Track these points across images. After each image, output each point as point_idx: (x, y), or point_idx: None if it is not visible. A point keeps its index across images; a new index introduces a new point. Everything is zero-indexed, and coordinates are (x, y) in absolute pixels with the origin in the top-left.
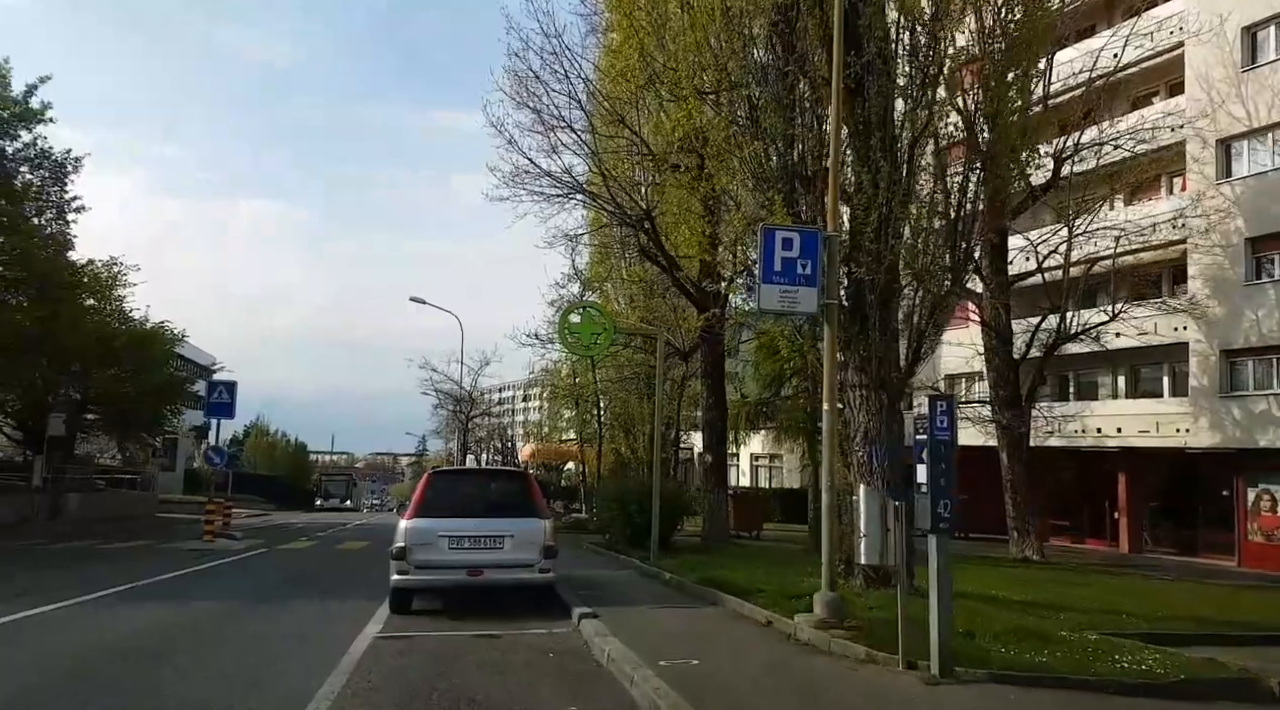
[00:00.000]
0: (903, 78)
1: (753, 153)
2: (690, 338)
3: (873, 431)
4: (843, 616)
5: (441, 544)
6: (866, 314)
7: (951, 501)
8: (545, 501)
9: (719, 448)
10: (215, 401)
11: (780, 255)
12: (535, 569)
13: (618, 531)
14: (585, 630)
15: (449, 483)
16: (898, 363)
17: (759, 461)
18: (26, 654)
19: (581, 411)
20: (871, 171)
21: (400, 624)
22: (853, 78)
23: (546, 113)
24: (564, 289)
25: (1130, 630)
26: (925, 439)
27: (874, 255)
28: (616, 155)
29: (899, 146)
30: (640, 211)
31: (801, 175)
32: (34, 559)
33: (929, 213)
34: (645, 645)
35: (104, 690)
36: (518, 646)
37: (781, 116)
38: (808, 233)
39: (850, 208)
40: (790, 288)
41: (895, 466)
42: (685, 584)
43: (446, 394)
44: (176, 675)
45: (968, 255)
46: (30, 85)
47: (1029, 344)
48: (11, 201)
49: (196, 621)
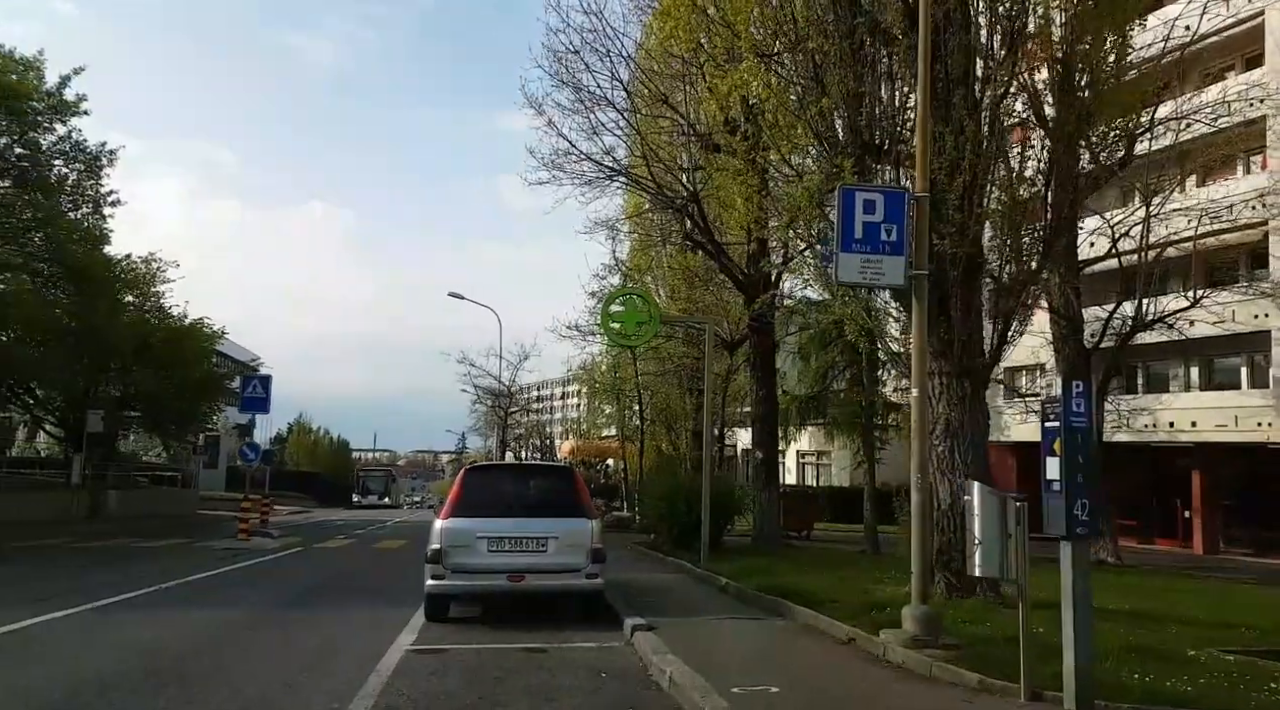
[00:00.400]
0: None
1: (817, 112)
2: (738, 329)
3: (955, 423)
4: (937, 633)
5: (480, 546)
6: (948, 292)
7: (1089, 502)
8: (592, 500)
9: (770, 443)
10: (250, 395)
11: (861, 219)
12: (582, 574)
13: (664, 531)
14: (640, 645)
15: (488, 479)
16: (982, 347)
17: (805, 459)
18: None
19: (622, 407)
20: (955, 131)
21: (436, 634)
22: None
23: (587, 91)
24: (604, 280)
25: (1258, 646)
26: (1056, 427)
27: (958, 226)
28: (660, 136)
29: (984, 104)
30: (687, 193)
31: (871, 144)
32: (61, 558)
33: (1017, 180)
34: (712, 666)
35: None
36: (565, 665)
37: (850, 70)
38: (893, 193)
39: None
40: (873, 257)
41: (979, 462)
42: (745, 591)
43: (485, 389)
44: (177, 706)
45: (1059, 228)
46: (63, 77)
47: (1102, 332)
48: (46, 195)
49: (213, 633)
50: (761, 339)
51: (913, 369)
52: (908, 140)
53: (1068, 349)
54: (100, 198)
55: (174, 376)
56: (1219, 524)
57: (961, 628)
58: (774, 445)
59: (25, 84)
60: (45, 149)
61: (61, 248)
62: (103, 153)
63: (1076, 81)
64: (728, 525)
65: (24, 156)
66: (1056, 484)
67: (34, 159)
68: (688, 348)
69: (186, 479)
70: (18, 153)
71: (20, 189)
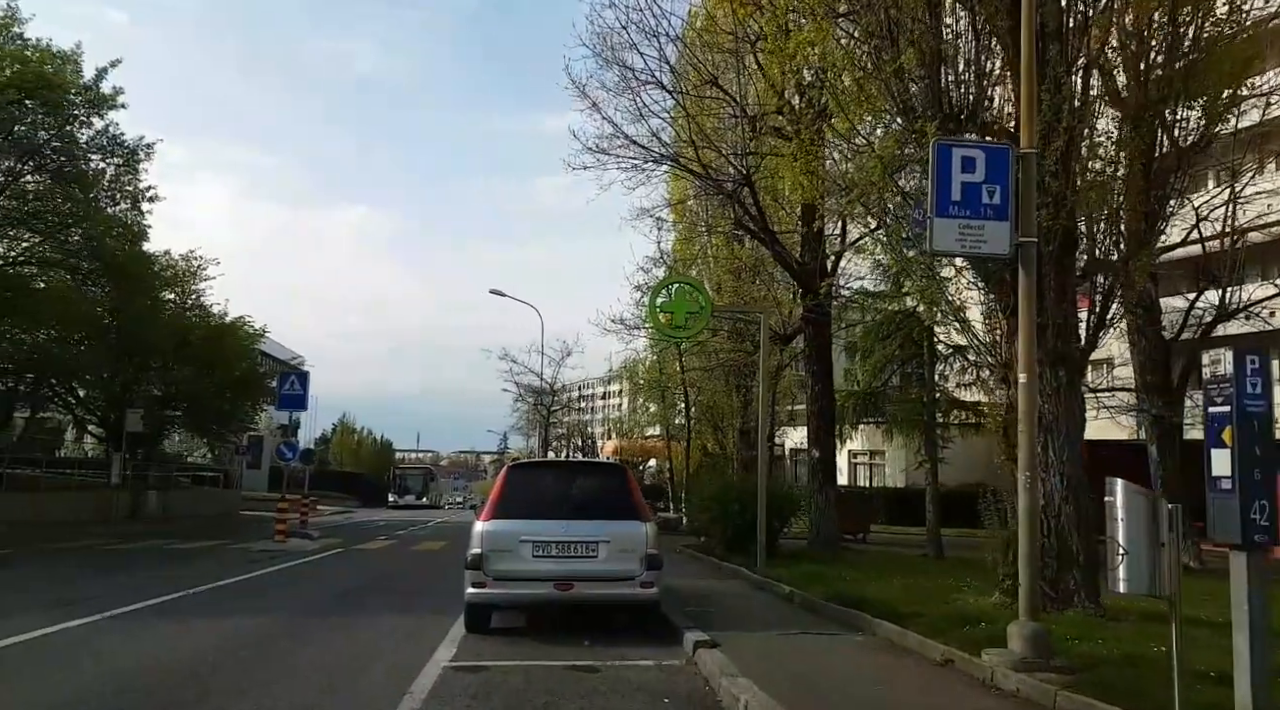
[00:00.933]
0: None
1: (893, 72)
2: (790, 321)
3: (1048, 416)
4: (1048, 654)
5: (524, 551)
6: (1041, 271)
7: (1269, 503)
8: (647, 501)
9: (827, 440)
10: (287, 392)
11: (959, 179)
12: (636, 583)
13: (717, 534)
14: (705, 664)
15: (532, 478)
16: (1077, 332)
17: (858, 459)
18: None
19: (666, 405)
20: (1051, 89)
21: (476, 648)
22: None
23: (633, 71)
24: (649, 273)
25: None
26: (1226, 412)
27: (1054, 195)
28: (709, 118)
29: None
30: (740, 176)
31: (951, 110)
32: (93, 560)
33: (1118, 145)
34: (794, 696)
35: None
36: (621, 687)
37: (929, 28)
38: (996, 149)
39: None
40: (974, 222)
41: (1075, 459)
42: (814, 601)
43: (527, 387)
44: None
45: (1164, 199)
46: (100, 69)
47: (1183, 322)
48: (84, 189)
49: (235, 645)
50: (818, 331)
51: (1019, 352)
52: (990, 105)
53: (1144, 341)
54: (139, 193)
55: (214, 375)
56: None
57: (1069, 646)
58: (832, 442)
59: (62, 76)
60: (83, 143)
61: (100, 243)
62: (140, 147)
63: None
64: (783, 528)
65: (61, 150)
66: (1227, 482)
67: (71, 153)
68: (735, 343)
69: (229, 479)
70: (54, 146)
71: (58, 184)
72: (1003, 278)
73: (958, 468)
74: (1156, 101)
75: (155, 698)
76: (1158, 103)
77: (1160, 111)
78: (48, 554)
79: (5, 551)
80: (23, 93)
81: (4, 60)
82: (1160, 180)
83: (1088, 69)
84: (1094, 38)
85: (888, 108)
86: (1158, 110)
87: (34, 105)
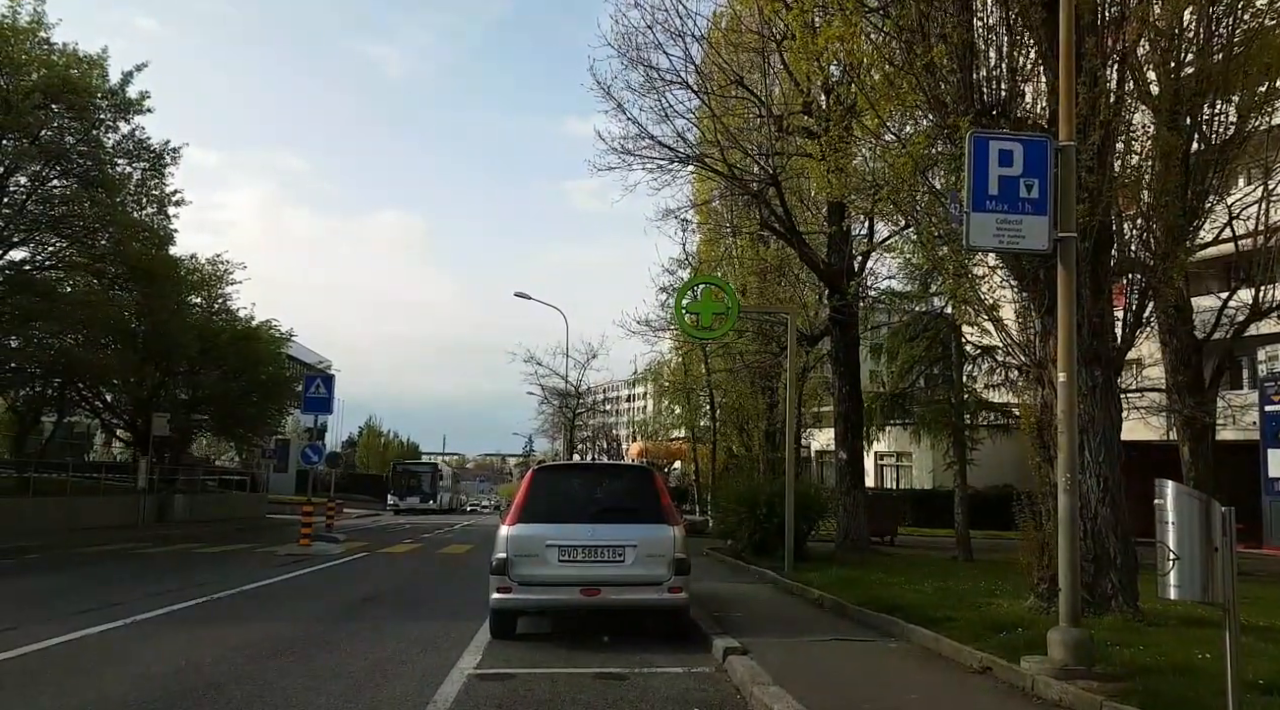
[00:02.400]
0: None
1: (924, 66)
2: (816, 322)
3: (1084, 417)
4: (1091, 661)
5: (549, 556)
6: (1078, 267)
7: None
8: (674, 504)
9: (855, 442)
10: (312, 396)
11: (996, 173)
12: (664, 588)
13: (744, 537)
14: (735, 672)
15: (558, 481)
16: (1114, 331)
17: (884, 461)
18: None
19: (692, 407)
20: (1087, 82)
21: (502, 655)
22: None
23: (659, 71)
24: (674, 274)
25: None
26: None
27: (1090, 190)
28: (735, 118)
29: (1112, 54)
30: (766, 176)
31: (984, 105)
32: (116, 565)
33: (1155, 141)
34: (827, 705)
35: None
36: (649, 695)
37: (961, 20)
38: (1034, 142)
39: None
40: (1011, 217)
41: (1112, 461)
42: (844, 606)
43: (552, 390)
44: None
45: (1202, 195)
46: (125, 73)
47: (1215, 321)
48: (110, 194)
49: (254, 652)
50: (844, 332)
51: (1059, 351)
52: (1023, 101)
53: (1175, 340)
54: (165, 197)
55: (241, 379)
56: None
57: (1110, 652)
58: (859, 443)
59: (87, 80)
60: (109, 147)
61: (126, 247)
62: (166, 151)
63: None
64: (811, 530)
65: (87, 154)
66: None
67: (97, 157)
68: (760, 344)
69: (256, 482)
70: (81, 151)
71: (84, 188)
72: (1037, 275)
73: (986, 469)
74: (1192, 95)
75: (180, 705)
76: (1194, 96)
77: (1197, 105)
78: (85, 558)
79: (34, 556)
80: (49, 97)
81: (31, 65)
82: (1199, 175)
83: (1123, 62)
84: (1131, 29)
85: (919, 103)
86: (1195, 103)
87: (60, 110)
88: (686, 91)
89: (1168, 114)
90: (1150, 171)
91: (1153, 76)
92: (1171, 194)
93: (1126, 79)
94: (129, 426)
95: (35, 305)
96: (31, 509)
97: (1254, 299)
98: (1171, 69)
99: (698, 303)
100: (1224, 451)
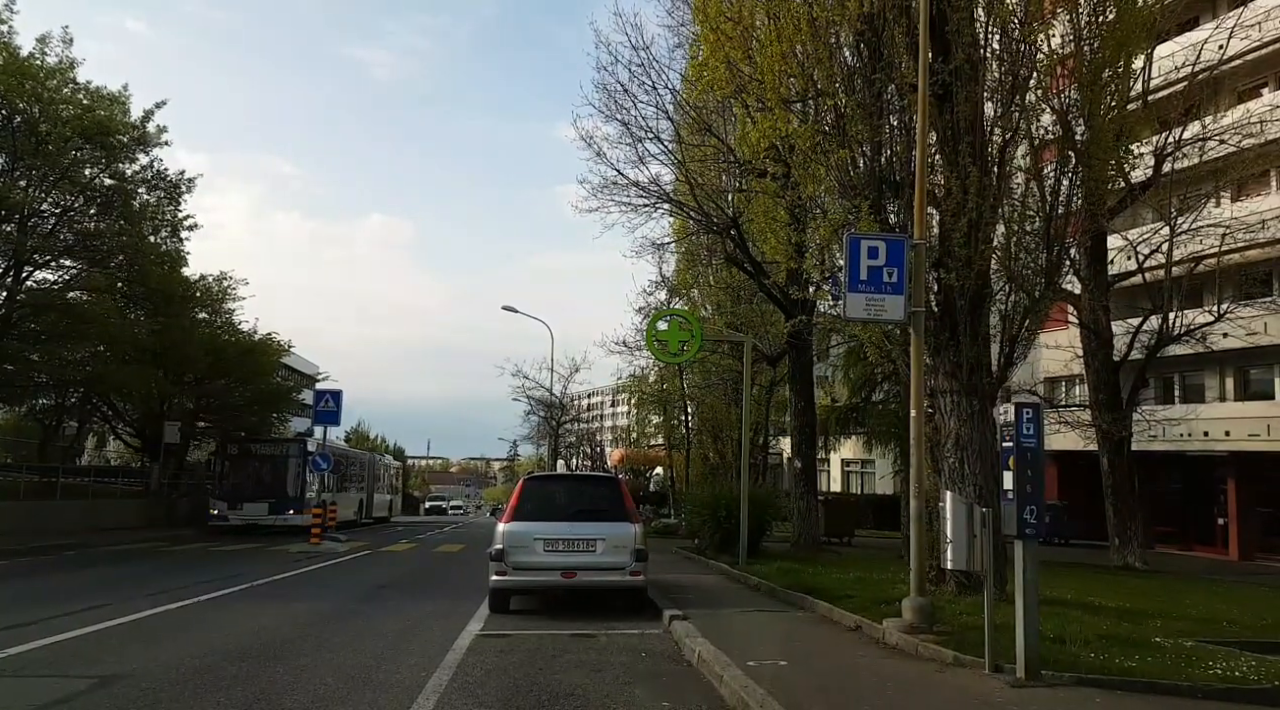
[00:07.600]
0: (992, 81)
1: (839, 160)
2: (779, 343)
3: (964, 437)
4: (932, 622)
5: (537, 547)
6: (957, 319)
7: (1038, 507)
8: (636, 506)
9: (808, 452)
10: (322, 410)
11: (866, 264)
12: (626, 572)
13: (707, 537)
14: (676, 631)
15: (544, 488)
16: (989, 368)
17: (850, 467)
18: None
19: (669, 417)
20: (960, 177)
21: (500, 623)
22: (940, 84)
23: (634, 125)
24: (652, 296)
25: (1231, 638)
26: (1010, 447)
27: (964, 260)
28: (703, 163)
29: (989, 150)
30: (727, 219)
31: (889, 181)
32: (152, 560)
33: (1021, 216)
34: (734, 647)
35: (244, 679)
36: (611, 646)
37: (868, 123)
38: (894, 241)
39: (939, 213)
40: (876, 296)
41: (987, 473)
42: (775, 589)
43: (538, 400)
44: (292, 673)
45: (1061, 258)
46: (147, 110)
47: (1129, 346)
48: (130, 221)
49: (307, 620)
50: (800, 354)
51: (911, 393)
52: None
53: (1096, 362)
54: (178, 222)
55: (245, 389)
56: (1255, 531)
57: (961, 618)
58: (813, 454)
59: (113, 119)
60: (129, 177)
61: (144, 271)
62: (182, 181)
63: (1094, 110)
64: (768, 530)
65: (112, 187)
66: (1010, 493)
67: (119, 187)
68: (733, 360)
69: None
70: (107, 184)
71: (105, 216)
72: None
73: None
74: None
75: (246, 661)
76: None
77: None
78: (117, 556)
79: (71, 552)
80: (81, 136)
81: (64, 106)
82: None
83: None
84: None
85: (834, 187)
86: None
87: (89, 148)
88: (657, 144)
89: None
90: (1008, 243)
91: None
92: (1028, 261)
93: (1009, 167)
94: (138, 434)
95: (59, 323)
96: (57, 511)
97: (1161, 325)
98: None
99: (666, 331)
100: (1155, 461)
